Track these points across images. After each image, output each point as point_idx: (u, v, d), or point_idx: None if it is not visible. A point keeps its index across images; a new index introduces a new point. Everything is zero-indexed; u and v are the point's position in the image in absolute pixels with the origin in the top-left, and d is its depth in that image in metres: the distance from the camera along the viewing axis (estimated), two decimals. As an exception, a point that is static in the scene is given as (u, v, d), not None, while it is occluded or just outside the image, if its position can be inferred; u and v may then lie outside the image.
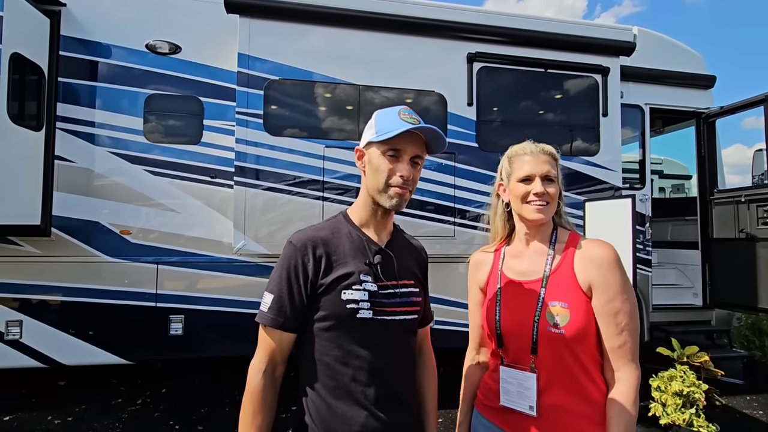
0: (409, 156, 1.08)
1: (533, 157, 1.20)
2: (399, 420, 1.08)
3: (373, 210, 1.14)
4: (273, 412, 1.06)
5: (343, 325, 1.04)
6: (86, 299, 3.41)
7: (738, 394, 4.07)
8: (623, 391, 1.08)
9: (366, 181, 1.13)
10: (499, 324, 1.20)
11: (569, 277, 1.15)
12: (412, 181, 1.09)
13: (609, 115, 4.08)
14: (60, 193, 3.40)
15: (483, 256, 1.36)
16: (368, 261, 1.09)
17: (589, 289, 1.12)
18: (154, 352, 3.55)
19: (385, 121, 1.09)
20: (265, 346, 1.07)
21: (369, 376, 1.04)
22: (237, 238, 3.37)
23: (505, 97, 4.02)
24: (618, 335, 1.09)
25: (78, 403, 3.53)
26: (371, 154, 1.10)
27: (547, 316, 1.12)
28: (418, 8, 3.71)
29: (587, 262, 1.14)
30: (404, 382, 1.13)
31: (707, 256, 4.64)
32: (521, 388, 1.15)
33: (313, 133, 3.59)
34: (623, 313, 1.09)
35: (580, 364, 1.11)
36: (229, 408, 3.57)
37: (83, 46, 3.50)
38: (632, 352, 1.10)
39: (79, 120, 3.49)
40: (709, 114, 4.65)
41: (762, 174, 4.32)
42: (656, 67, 4.55)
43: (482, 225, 3.72)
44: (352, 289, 1.05)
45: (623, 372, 1.09)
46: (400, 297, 1.11)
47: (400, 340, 1.12)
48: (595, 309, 1.11)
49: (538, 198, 1.17)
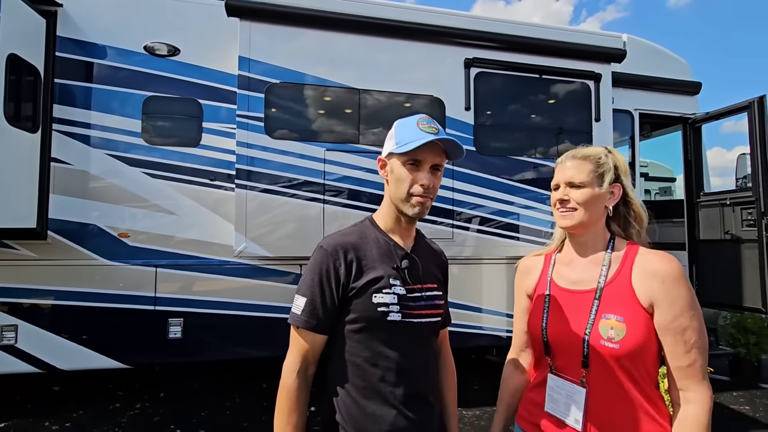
0: (429, 165, 1.12)
1: (561, 165, 1.20)
2: (425, 419, 1.12)
3: (397, 217, 1.17)
4: (306, 410, 1.09)
5: (374, 328, 1.08)
6: (83, 303, 3.37)
7: (725, 390, 4.22)
8: (697, 414, 1.02)
9: (389, 190, 1.17)
10: (546, 331, 1.17)
11: (626, 290, 1.09)
12: (432, 189, 1.13)
13: (601, 120, 4.19)
14: (56, 196, 3.36)
15: (532, 261, 1.34)
16: (396, 265, 1.13)
17: (650, 305, 1.06)
18: (153, 355, 3.52)
19: (405, 131, 1.12)
20: (298, 347, 1.10)
21: (397, 377, 1.08)
22: (238, 241, 3.37)
23: (501, 102, 4.10)
24: (687, 353, 1.03)
25: (75, 409, 3.49)
26: (393, 165, 1.14)
27: (601, 329, 1.07)
28: (418, 14, 3.77)
29: (649, 277, 1.07)
30: (429, 382, 1.17)
31: (694, 257, 4.79)
32: (569, 399, 1.11)
33: (313, 136, 3.62)
34: (692, 330, 1.03)
35: (634, 382, 1.06)
36: (230, 411, 3.57)
37: (80, 47, 3.47)
38: (703, 370, 1.04)
39: (76, 122, 3.45)
40: (695, 119, 4.81)
41: (745, 177, 4.48)
42: (645, 73, 4.68)
43: (480, 228, 3.81)
44: (383, 293, 1.08)
45: (695, 392, 1.03)
46: (426, 300, 1.15)
47: (425, 342, 1.17)
48: (660, 326, 1.05)
49: (561, 205, 1.17)
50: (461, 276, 3.81)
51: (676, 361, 1.04)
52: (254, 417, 3.47)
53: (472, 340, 3.82)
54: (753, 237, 4.07)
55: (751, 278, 4.11)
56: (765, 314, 3.99)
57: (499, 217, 3.91)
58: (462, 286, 3.81)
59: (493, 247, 3.88)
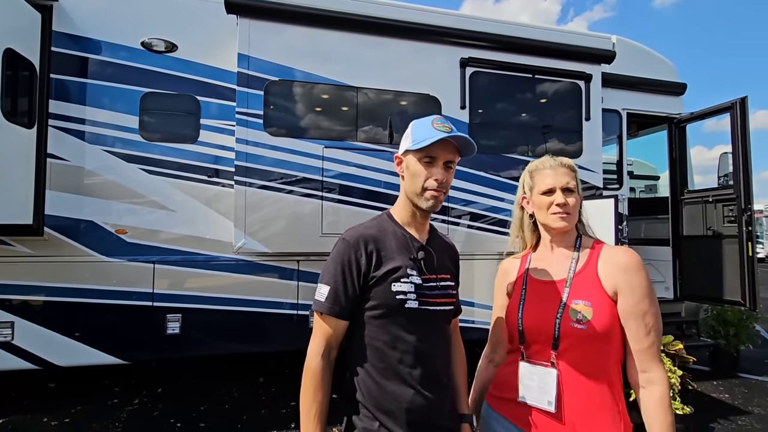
0: (443, 161, 1.20)
1: (553, 171, 1.30)
2: (440, 397, 1.20)
3: (413, 212, 1.26)
4: (329, 391, 1.16)
5: (392, 314, 1.16)
6: (80, 299, 3.37)
7: (705, 380, 4.41)
8: (662, 393, 1.13)
9: (404, 185, 1.25)
10: (522, 321, 1.27)
11: (593, 279, 1.21)
12: (445, 183, 1.21)
13: (591, 119, 4.32)
14: (53, 192, 3.34)
15: (511, 263, 1.44)
16: (413, 256, 1.21)
17: (614, 293, 1.18)
18: (151, 351, 3.53)
19: (421, 130, 1.20)
20: (321, 332, 1.17)
21: (414, 359, 1.16)
22: (237, 237, 3.40)
23: (495, 101, 4.20)
24: (647, 336, 1.15)
25: (72, 405, 3.49)
26: (408, 161, 1.23)
27: (570, 313, 1.18)
28: (415, 14, 3.82)
29: (613, 268, 1.20)
30: (443, 364, 1.25)
31: (678, 253, 4.97)
32: (541, 383, 1.19)
33: (312, 133, 3.66)
34: (650, 315, 1.15)
35: (600, 363, 1.16)
36: (229, 405, 3.60)
37: (76, 42, 3.44)
38: (659, 351, 1.17)
39: (72, 118, 3.43)
40: (680, 119, 4.97)
41: (727, 175, 4.65)
42: (633, 74, 4.82)
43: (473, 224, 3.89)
44: (401, 282, 1.16)
45: (655, 373, 1.14)
46: (440, 289, 1.23)
47: (439, 328, 1.25)
48: (623, 312, 1.16)
49: (560, 208, 1.26)
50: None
51: (638, 343, 1.15)
52: (253, 411, 3.52)
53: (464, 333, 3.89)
54: (734, 233, 4.24)
55: (731, 272, 4.28)
56: (744, 307, 4.17)
57: (493, 213, 4.01)
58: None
59: (487, 243, 3.98)
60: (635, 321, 1.15)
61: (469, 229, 3.96)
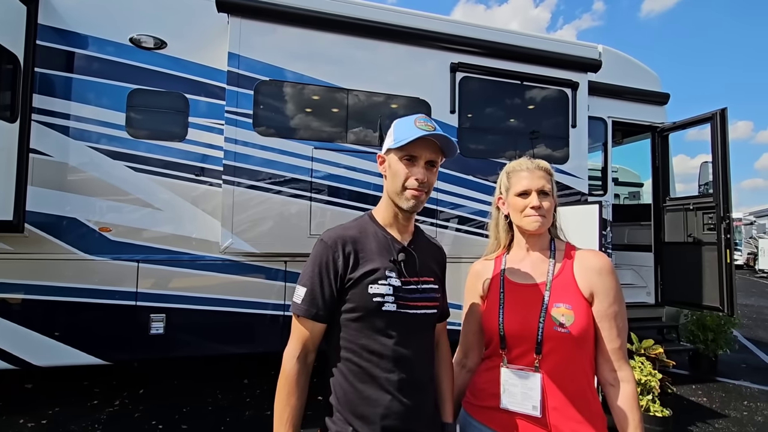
0: (424, 161, 1.17)
1: (530, 173, 1.30)
2: (419, 404, 1.16)
3: (395, 212, 1.23)
4: (305, 395, 1.13)
5: (370, 317, 1.13)
6: (62, 298, 3.30)
7: (684, 384, 4.50)
8: (632, 391, 1.18)
9: (386, 185, 1.23)
10: (503, 325, 1.25)
11: (571, 282, 1.23)
12: (427, 183, 1.18)
13: (577, 126, 4.40)
14: (35, 188, 3.27)
15: (484, 264, 1.42)
16: (393, 258, 1.18)
17: (590, 295, 1.21)
18: (134, 352, 3.47)
19: (403, 129, 1.18)
20: (298, 334, 1.15)
21: (393, 363, 1.12)
22: (224, 237, 3.37)
23: (484, 106, 4.25)
24: (618, 336, 1.19)
25: (50, 406, 3.41)
26: (390, 160, 1.21)
27: (553, 316, 1.19)
28: (407, 18, 3.86)
29: (588, 271, 1.23)
30: (424, 370, 1.21)
31: (659, 258, 5.08)
32: (525, 388, 1.18)
33: (302, 134, 3.65)
34: (620, 316, 1.20)
35: (581, 366, 1.19)
36: (212, 407, 3.56)
37: (63, 36, 3.39)
38: (626, 350, 1.23)
39: (57, 113, 3.37)
40: (663, 128, 5.09)
41: (707, 184, 4.78)
42: (618, 83, 4.93)
43: (462, 227, 3.93)
44: (379, 284, 1.13)
45: (625, 372, 1.19)
46: (421, 293, 1.20)
47: (420, 332, 1.21)
48: (597, 313, 1.20)
49: (535, 211, 1.26)
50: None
51: (611, 343, 1.19)
52: (237, 412, 3.48)
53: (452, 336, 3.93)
54: (713, 240, 4.36)
55: (710, 279, 4.39)
56: (722, 313, 4.27)
57: (480, 217, 4.05)
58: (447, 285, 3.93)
59: (474, 246, 4.01)
60: (608, 322, 1.19)
61: (457, 232, 4.00)
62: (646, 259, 5.29)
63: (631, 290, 5.26)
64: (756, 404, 4.07)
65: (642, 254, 5.39)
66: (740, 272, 19.68)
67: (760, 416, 3.79)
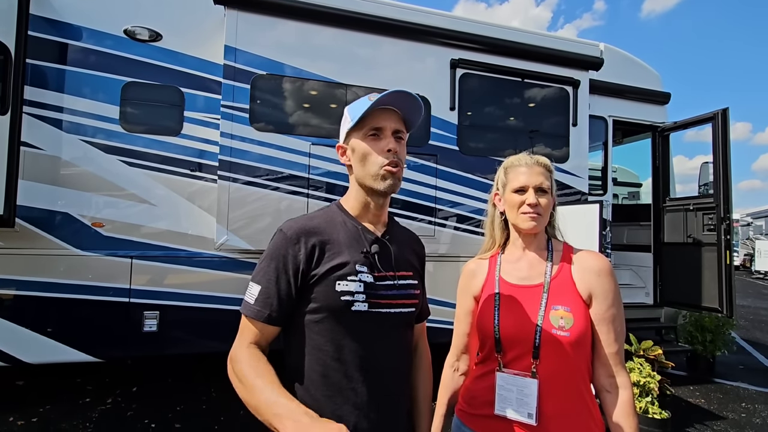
0: (391, 131, 1.05)
1: (528, 169, 1.24)
2: (390, 420, 1.04)
3: (366, 201, 1.09)
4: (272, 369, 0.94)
5: (337, 318, 0.99)
6: (53, 294, 3.24)
7: (682, 385, 4.48)
8: (629, 397, 1.13)
9: (355, 172, 1.09)
10: (498, 327, 1.19)
11: (569, 284, 1.18)
12: (400, 155, 1.06)
13: (578, 125, 4.36)
14: (26, 182, 3.20)
15: (477, 264, 1.35)
16: (364, 250, 1.04)
17: (589, 297, 1.16)
18: (127, 349, 3.42)
19: (357, 108, 1.06)
20: (247, 334, 0.99)
21: (362, 373, 0.99)
22: (220, 233, 3.32)
23: (485, 103, 4.20)
24: (615, 340, 1.15)
25: (41, 404, 3.36)
26: (353, 144, 1.07)
27: (552, 319, 1.13)
28: (407, 13, 3.80)
29: (586, 272, 1.18)
30: (398, 379, 1.08)
31: (658, 259, 5.05)
32: (521, 395, 1.12)
33: (299, 130, 3.60)
34: (618, 320, 1.16)
35: (579, 370, 1.14)
36: (206, 405, 3.52)
37: (55, 27, 3.32)
38: (623, 355, 1.17)
39: (49, 105, 3.30)
40: (664, 128, 5.06)
41: (707, 184, 4.75)
42: (619, 82, 4.89)
43: (460, 225, 3.89)
44: (347, 280, 0.99)
45: (622, 377, 1.15)
46: (398, 289, 1.06)
47: (396, 335, 1.07)
48: (595, 316, 1.15)
49: (531, 208, 1.20)
50: (440, 273, 3.89)
51: (608, 347, 1.14)
52: (231, 411, 3.44)
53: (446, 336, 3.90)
54: (713, 241, 4.33)
55: (709, 280, 4.36)
56: (721, 314, 4.25)
57: (480, 215, 4.01)
58: (442, 283, 3.88)
59: (472, 245, 3.97)
60: (606, 326, 1.15)
61: (456, 230, 3.95)
62: (645, 260, 5.26)
63: (630, 291, 5.24)
64: (754, 406, 4.05)
65: (641, 254, 5.37)
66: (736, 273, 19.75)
67: (758, 418, 3.77)
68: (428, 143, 3.87)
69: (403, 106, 1.07)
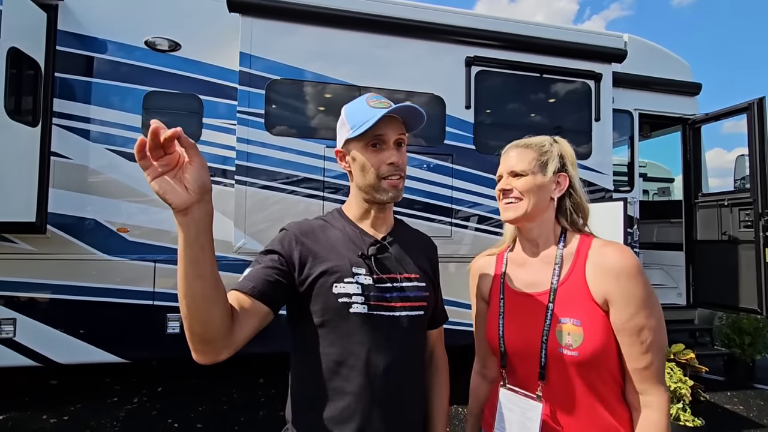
0: (392, 141, 1.03)
1: (518, 152, 1.11)
2: (399, 426, 1.00)
3: (367, 208, 1.09)
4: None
5: (337, 321, 0.97)
6: (82, 297, 3.38)
7: (719, 391, 4.24)
8: (658, 420, 0.94)
9: (355, 181, 1.07)
10: (503, 340, 1.07)
11: (581, 289, 1.00)
12: (402, 165, 1.04)
13: (601, 120, 4.20)
14: (56, 190, 3.36)
15: (484, 261, 1.24)
16: (362, 253, 1.02)
17: (605, 302, 0.97)
18: (152, 350, 3.53)
19: (357, 114, 1.03)
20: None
21: (365, 377, 0.96)
22: (237, 237, 3.38)
23: (502, 101, 4.11)
24: (643, 355, 0.94)
25: (72, 403, 3.50)
26: (354, 154, 1.05)
27: (557, 336, 0.98)
28: (420, 12, 3.76)
29: (602, 272, 0.98)
30: (406, 385, 1.02)
31: (691, 258, 4.82)
32: (524, 417, 1.00)
33: (313, 133, 3.62)
34: (648, 330, 0.94)
35: (596, 392, 0.97)
36: (227, 406, 3.58)
37: (81, 41, 3.46)
38: (659, 372, 0.96)
39: (76, 116, 3.45)
40: (695, 120, 4.82)
41: (743, 179, 4.50)
42: (646, 74, 4.69)
43: (480, 226, 3.82)
44: (344, 282, 0.97)
45: (654, 396, 0.95)
46: (401, 291, 1.03)
47: (402, 339, 1.02)
48: (615, 326, 0.96)
49: (504, 196, 1.09)
50: (459, 274, 3.83)
51: (633, 363, 0.96)
52: (251, 412, 3.48)
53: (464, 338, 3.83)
54: (750, 238, 4.09)
55: (747, 279, 4.13)
56: (760, 315, 4.01)
57: (499, 215, 3.91)
58: (461, 285, 3.83)
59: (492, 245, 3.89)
60: (629, 337, 0.95)
61: (476, 231, 3.89)
62: (676, 259, 5.03)
63: (661, 291, 5.01)
64: (799, 414, 3.79)
65: (672, 253, 5.13)
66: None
67: (804, 427, 3.53)
68: (444, 143, 3.82)
69: (406, 114, 1.05)
